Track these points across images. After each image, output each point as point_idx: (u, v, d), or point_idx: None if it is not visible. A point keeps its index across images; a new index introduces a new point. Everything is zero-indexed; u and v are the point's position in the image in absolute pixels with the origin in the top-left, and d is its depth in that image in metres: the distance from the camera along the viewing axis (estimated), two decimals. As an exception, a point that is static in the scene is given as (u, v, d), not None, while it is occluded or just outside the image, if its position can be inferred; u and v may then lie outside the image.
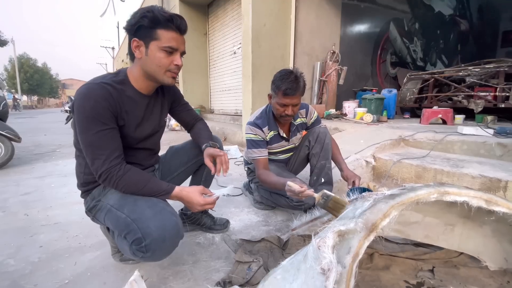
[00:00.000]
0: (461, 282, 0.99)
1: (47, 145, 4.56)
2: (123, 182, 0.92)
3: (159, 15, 0.91)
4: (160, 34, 0.93)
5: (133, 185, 0.94)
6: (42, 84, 41.24)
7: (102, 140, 0.90)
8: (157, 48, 0.94)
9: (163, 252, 0.92)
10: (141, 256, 0.89)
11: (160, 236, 0.86)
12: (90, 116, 0.88)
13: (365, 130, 2.90)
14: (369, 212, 0.78)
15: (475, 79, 3.56)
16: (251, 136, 1.54)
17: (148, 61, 0.97)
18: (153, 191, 0.96)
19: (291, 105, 1.41)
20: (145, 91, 1.06)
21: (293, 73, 1.40)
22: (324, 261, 0.70)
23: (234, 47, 5.52)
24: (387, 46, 6.78)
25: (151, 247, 0.86)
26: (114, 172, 0.91)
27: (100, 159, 0.90)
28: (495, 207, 0.81)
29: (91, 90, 0.91)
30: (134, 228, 0.88)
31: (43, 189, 2.21)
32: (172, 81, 1.02)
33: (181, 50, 1.00)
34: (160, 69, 0.97)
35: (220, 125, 5.21)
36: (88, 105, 0.88)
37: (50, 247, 1.32)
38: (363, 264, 1.12)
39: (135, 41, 0.95)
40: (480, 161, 1.86)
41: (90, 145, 0.90)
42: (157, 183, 0.98)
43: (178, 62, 0.98)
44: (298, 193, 1.09)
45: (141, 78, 1.02)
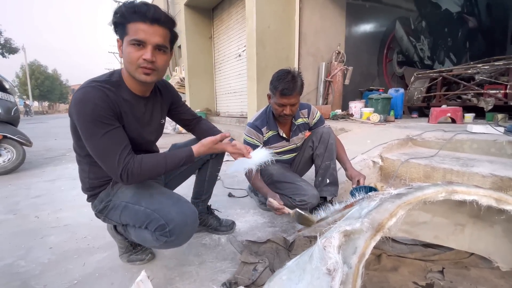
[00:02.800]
0: (471, 283, 0.97)
1: (57, 149, 4.66)
2: (144, 171, 0.91)
3: (124, 8, 0.86)
4: (129, 28, 0.87)
5: (155, 168, 0.94)
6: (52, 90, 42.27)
7: (110, 142, 0.88)
8: (127, 43, 0.88)
9: (185, 235, 0.97)
10: (164, 241, 0.94)
11: (182, 221, 0.93)
12: (92, 120, 0.85)
13: (372, 130, 2.87)
14: (375, 212, 0.77)
15: (484, 76, 3.49)
16: (247, 139, 1.57)
17: (124, 59, 0.91)
18: (175, 162, 0.97)
19: (289, 105, 1.43)
20: (139, 92, 1.01)
21: (290, 73, 1.41)
22: (329, 261, 0.69)
23: (239, 49, 5.55)
24: (394, 45, 6.71)
25: (175, 231, 0.92)
26: (131, 167, 0.89)
27: (114, 162, 0.88)
28: (506, 205, 0.79)
29: (87, 93, 0.87)
30: (156, 217, 0.93)
31: (53, 192, 2.25)
32: (145, 77, 0.91)
33: (152, 43, 0.87)
34: (131, 65, 0.89)
35: (226, 128, 5.23)
36: (89, 109, 0.85)
37: (59, 248, 1.34)
38: (370, 265, 1.10)
39: (118, 41, 0.92)
40: (491, 160, 1.82)
41: (99, 150, 0.88)
42: (175, 155, 0.99)
43: (146, 56, 0.87)
44: (276, 209, 1.29)
45: (130, 78, 0.97)
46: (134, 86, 0.99)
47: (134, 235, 1.05)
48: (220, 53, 6.54)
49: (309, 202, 1.45)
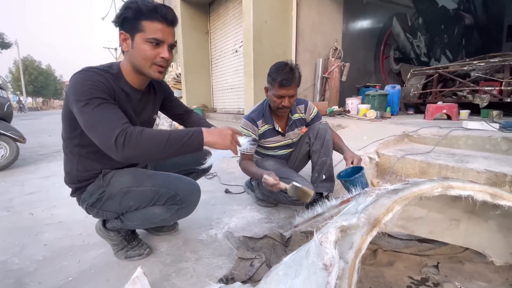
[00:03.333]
0: (466, 277, 0.98)
1: (51, 145, 4.60)
2: (145, 138, 0.80)
3: (143, 6, 0.87)
4: (145, 26, 0.89)
5: (156, 139, 0.82)
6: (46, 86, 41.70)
7: (106, 112, 0.83)
8: (142, 40, 0.90)
9: (193, 203, 1.08)
10: (176, 210, 1.02)
11: (189, 189, 1.04)
12: (89, 95, 0.82)
13: (368, 126, 2.87)
14: (371, 207, 0.77)
15: (480, 73, 3.51)
16: (243, 131, 1.58)
17: (134, 54, 0.93)
18: (182, 136, 0.85)
19: (288, 96, 1.43)
20: (137, 86, 1.04)
21: (288, 64, 1.42)
22: (326, 256, 0.69)
23: (235, 45, 5.51)
24: (390, 41, 6.72)
25: (184, 199, 1.02)
26: (130, 132, 0.80)
27: (110, 126, 0.80)
28: (501, 201, 0.80)
29: (86, 75, 0.87)
30: (164, 191, 1.00)
31: (47, 189, 2.23)
32: (159, 75, 0.97)
33: (169, 42, 0.94)
34: (146, 62, 0.93)
35: (223, 124, 5.21)
36: (86, 86, 0.83)
37: (54, 245, 1.33)
38: (366, 260, 1.11)
39: (121, 34, 0.93)
40: (486, 156, 1.84)
41: (95, 117, 0.81)
42: (181, 131, 0.87)
43: (164, 55, 0.93)
44: (272, 185, 1.25)
45: (132, 72, 0.99)
46: (133, 80, 1.01)
47: (138, 217, 1.07)
48: (216, 49, 6.49)
49: None
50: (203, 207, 1.75)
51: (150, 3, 0.89)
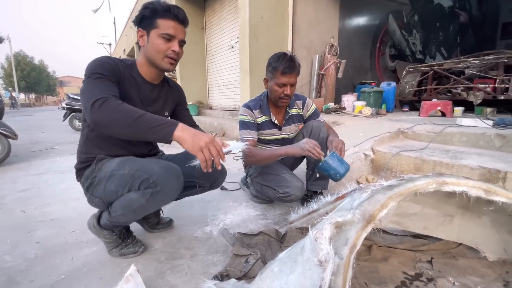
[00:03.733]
0: (459, 272, 0.99)
1: (44, 142, 4.54)
2: (119, 108, 0.82)
3: (158, 6, 1.01)
4: (159, 23, 1.01)
5: (129, 113, 0.82)
6: (39, 81, 41.00)
7: (100, 83, 0.92)
8: (156, 35, 1.02)
9: (170, 188, 0.97)
10: (150, 193, 0.94)
11: (166, 172, 0.97)
12: (92, 71, 0.94)
13: (363, 123, 2.88)
14: (366, 203, 0.77)
15: (474, 71, 3.54)
16: (242, 118, 1.57)
17: (148, 48, 1.05)
18: (155, 120, 0.83)
19: (289, 85, 1.43)
20: (149, 78, 1.14)
21: (287, 54, 1.44)
22: (321, 252, 0.69)
23: (231, 41, 5.46)
24: (386, 38, 6.73)
25: (158, 182, 0.94)
26: (109, 99, 0.84)
27: (96, 93, 0.85)
28: (494, 196, 0.80)
29: (99, 58, 1.01)
30: (139, 174, 0.96)
31: (40, 186, 2.19)
32: (170, 66, 1.08)
33: (179, 38, 1.06)
34: (159, 54, 1.04)
35: (218, 121, 5.18)
36: (93, 65, 0.96)
37: (46, 243, 1.31)
38: (361, 256, 1.11)
39: (139, 31, 1.06)
40: (479, 152, 1.85)
41: (89, 87, 0.90)
42: (156, 117, 0.85)
43: (175, 48, 1.04)
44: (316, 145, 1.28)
45: (146, 65, 1.11)
46: (146, 72, 1.12)
47: (119, 206, 1.04)
48: (212, 45, 6.43)
49: (292, 194, 1.44)
50: (198, 204, 1.74)
51: (165, 3, 1.03)
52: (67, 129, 6.23)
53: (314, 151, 1.27)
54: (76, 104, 5.94)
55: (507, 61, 3.23)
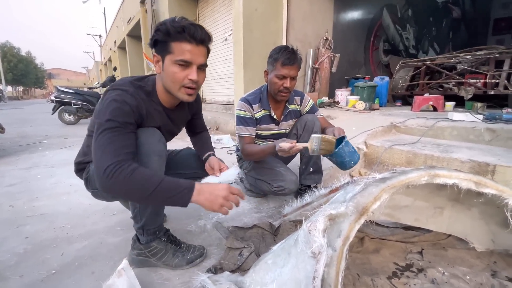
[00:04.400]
0: (449, 263, 1.01)
1: (33, 136, 4.43)
2: (133, 179, 0.76)
3: (171, 27, 0.86)
4: (174, 47, 0.88)
5: (144, 184, 0.77)
6: (27, 74, 39.84)
7: (114, 138, 0.81)
8: (170, 62, 0.89)
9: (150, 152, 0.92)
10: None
11: (146, 137, 0.93)
12: (109, 116, 0.83)
13: (357, 117, 2.90)
14: (360, 196, 0.77)
15: (466, 66, 3.58)
16: (240, 113, 1.53)
17: (164, 76, 0.93)
18: (171, 188, 0.79)
19: (290, 77, 1.41)
20: (169, 105, 1.05)
21: (290, 47, 1.42)
22: (314, 245, 0.69)
23: (225, 33, 5.38)
24: (380, 33, 6.74)
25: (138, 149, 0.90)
26: (125, 166, 0.76)
27: (109, 153, 0.78)
28: (485, 189, 0.82)
29: (119, 96, 0.87)
30: None
31: (28, 181, 2.14)
32: (188, 98, 0.96)
33: (198, 63, 0.91)
34: (174, 84, 0.92)
35: (212, 115, 5.14)
36: (111, 107, 0.84)
37: (36, 238, 1.28)
38: (353, 248, 1.12)
39: (155, 56, 0.94)
40: (470, 146, 1.89)
41: (100, 143, 0.80)
42: (174, 180, 0.81)
43: (192, 77, 0.90)
44: (289, 149, 1.14)
45: (165, 93, 1.00)
46: (166, 99, 1.02)
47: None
48: (205, 37, 6.32)
49: (286, 187, 1.45)
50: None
51: (179, 23, 0.86)
52: (57, 122, 6.09)
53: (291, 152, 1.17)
54: (65, 97, 5.80)
55: (498, 56, 3.28)
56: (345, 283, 0.91)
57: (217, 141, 3.66)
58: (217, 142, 3.63)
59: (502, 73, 3.17)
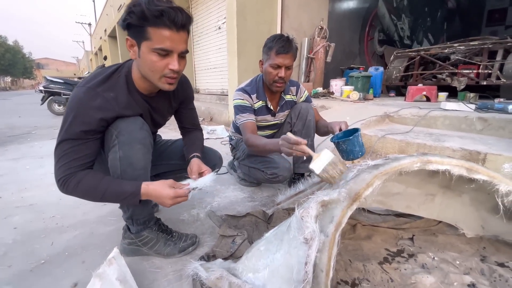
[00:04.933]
0: (439, 248, 1.03)
1: (22, 127, 4.32)
2: (79, 191, 0.84)
3: (147, 10, 0.75)
4: (151, 33, 0.78)
5: (90, 193, 0.85)
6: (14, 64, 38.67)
7: (69, 150, 0.83)
8: (148, 49, 0.81)
9: (133, 137, 0.89)
10: (118, 146, 0.88)
11: (128, 123, 0.90)
12: (70, 125, 0.81)
13: (351, 107, 2.89)
14: (352, 182, 0.77)
15: (459, 56, 3.58)
16: (238, 102, 1.48)
17: (141, 64, 0.86)
18: (117, 194, 0.86)
19: (284, 67, 1.36)
20: (147, 92, 0.97)
21: (285, 35, 1.38)
22: (307, 230, 0.69)
23: (218, 22, 5.27)
24: (375, 23, 6.68)
25: (122, 132, 0.88)
26: (68, 182, 0.83)
27: (58, 166, 0.83)
28: (476, 175, 0.82)
29: (87, 97, 0.83)
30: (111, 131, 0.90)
31: (17, 171, 2.10)
32: (168, 87, 0.89)
33: (179, 51, 0.83)
34: (154, 74, 0.85)
35: (206, 105, 5.08)
36: (78, 113, 0.81)
37: (25, 228, 1.26)
38: (346, 235, 1.13)
39: (128, 40, 0.85)
40: (461, 135, 1.90)
41: (60, 147, 0.83)
42: (120, 185, 0.86)
43: (173, 66, 0.83)
44: (293, 143, 0.97)
45: (142, 79, 0.92)
46: (144, 86, 0.95)
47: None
48: (198, 26, 6.19)
49: (280, 174, 1.44)
50: (185, 188, 1.72)
51: (157, 6, 0.76)
52: (46, 113, 5.95)
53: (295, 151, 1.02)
54: (55, 87, 5.65)
55: (492, 47, 3.29)
56: (337, 268, 0.92)
57: (211, 131, 3.62)
58: (211, 132, 3.60)
59: (495, 63, 3.19)
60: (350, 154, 1.16)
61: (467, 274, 0.89)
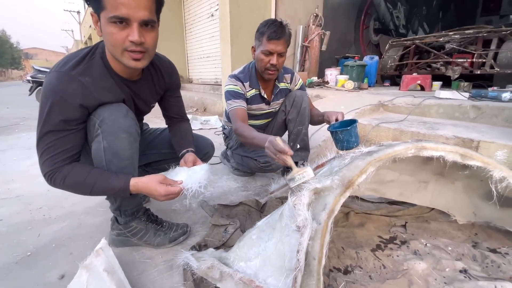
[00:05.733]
0: (431, 235, 1.03)
1: (9, 118, 4.19)
2: (66, 186, 0.81)
3: None
4: (105, 0, 0.69)
5: (78, 187, 0.82)
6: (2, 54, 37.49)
7: (52, 141, 0.78)
8: (105, 20, 0.71)
9: (116, 127, 0.83)
10: (101, 136, 0.82)
11: (111, 110, 0.84)
12: (48, 114, 0.76)
13: (345, 96, 2.87)
14: (346, 169, 0.75)
15: (454, 45, 3.57)
16: (230, 87, 1.42)
17: (104, 39, 0.77)
18: (105, 190, 0.84)
19: (276, 53, 1.30)
20: (126, 75, 0.88)
21: (278, 20, 1.31)
22: (299, 218, 0.67)
23: (211, 9, 5.13)
24: (371, 11, 6.59)
25: (105, 121, 0.82)
26: (54, 176, 0.80)
27: (43, 161, 0.80)
28: (470, 161, 0.81)
29: (62, 82, 0.76)
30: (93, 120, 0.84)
31: (4, 163, 2.03)
32: (135, 63, 0.78)
33: (138, 19, 0.71)
34: (115, 48, 0.75)
35: (199, 95, 5.00)
36: (54, 102, 0.75)
37: (11, 220, 1.22)
38: (339, 223, 1.13)
39: (93, 16, 0.76)
40: (455, 123, 1.90)
41: (42, 141, 0.79)
42: (107, 181, 0.82)
43: (132, 37, 0.72)
44: (278, 150, 0.89)
45: (114, 60, 0.83)
46: (119, 68, 0.86)
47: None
48: (191, 13, 6.01)
49: (273, 163, 1.42)
50: (177, 178, 1.69)
51: None
52: (35, 104, 5.78)
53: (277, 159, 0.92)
54: (43, 77, 5.48)
55: (486, 35, 3.27)
56: (330, 256, 0.91)
57: (204, 122, 3.57)
58: (205, 123, 3.55)
59: (489, 52, 3.18)
60: (346, 144, 1.15)
61: (459, 260, 0.89)
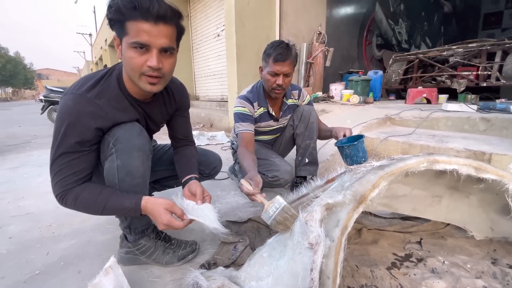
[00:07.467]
0: (448, 252, 0.99)
1: (21, 136, 4.31)
2: (77, 207, 0.83)
3: (121, 3, 0.71)
4: (128, 27, 0.73)
5: (89, 208, 0.83)
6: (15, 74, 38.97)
7: (65, 163, 0.80)
8: (127, 45, 0.75)
9: (131, 145, 0.85)
10: (115, 155, 0.84)
11: (125, 129, 0.86)
12: (64, 136, 0.78)
13: (351, 110, 2.88)
14: (357, 184, 0.74)
15: (458, 58, 3.59)
16: (239, 109, 1.46)
17: (123, 62, 0.81)
18: (116, 210, 0.84)
19: (282, 74, 1.34)
20: (140, 97, 0.91)
21: (284, 42, 1.36)
22: (311, 235, 0.66)
23: (217, 29, 5.31)
24: (373, 27, 6.73)
25: (119, 139, 0.84)
26: (65, 197, 0.81)
27: (55, 182, 0.81)
28: (485, 174, 0.79)
29: (76, 106, 0.78)
30: (108, 139, 0.86)
31: (14, 180, 2.07)
32: (150, 87, 0.81)
33: (157, 46, 0.75)
34: (134, 72, 0.78)
35: (206, 112, 5.07)
36: (70, 123, 0.77)
37: (20, 238, 1.22)
38: (351, 239, 1.10)
39: (115, 39, 0.80)
40: (465, 136, 1.88)
41: (55, 163, 0.80)
42: (119, 201, 0.83)
43: (151, 63, 0.75)
44: (245, 193, 0.97)
45: (130, 82, 0.86)
46: (134, 90, 0.88)
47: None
48: (197, 33, 6.24)
49: (281, 177, 1.41)
50: (185, 194, 1.68)
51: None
52: (46, 122, 5.94)
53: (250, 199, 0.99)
54: (55, 96, 5.65)
55: (490, 48, 3.29)
56: (344, 274, 0.88)
57: (211, 137, 3.61)
58: (211, 138, 3.58)
59: (494, 65, 3.18)
60: (354, 159, 1.17)
61: (479, 278, 0.85)
